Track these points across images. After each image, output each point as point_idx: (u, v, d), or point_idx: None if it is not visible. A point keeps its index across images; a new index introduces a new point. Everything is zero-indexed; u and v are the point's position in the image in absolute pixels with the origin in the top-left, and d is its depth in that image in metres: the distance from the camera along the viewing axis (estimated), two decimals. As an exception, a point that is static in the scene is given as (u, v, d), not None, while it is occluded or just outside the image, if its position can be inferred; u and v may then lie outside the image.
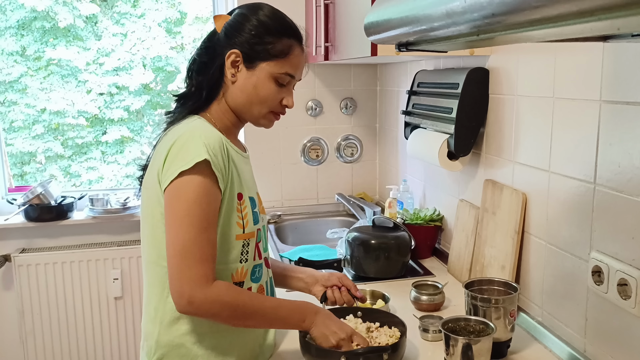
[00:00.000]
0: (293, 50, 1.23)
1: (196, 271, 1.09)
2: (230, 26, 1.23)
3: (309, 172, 2.79)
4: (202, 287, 1.09)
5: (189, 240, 1.09)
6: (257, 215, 1.26)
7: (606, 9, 0.48)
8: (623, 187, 1.14)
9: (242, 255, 1.22)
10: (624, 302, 1.14)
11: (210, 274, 1.11)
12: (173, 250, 1.11)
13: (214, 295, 1.10)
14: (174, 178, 1.11)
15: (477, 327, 1.27)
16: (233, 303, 1.13)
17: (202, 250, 1.10)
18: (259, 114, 1.26)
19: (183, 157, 1.11)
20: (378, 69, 2.78)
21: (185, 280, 1.09)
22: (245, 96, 1.23)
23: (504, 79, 1.62)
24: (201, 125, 1.18)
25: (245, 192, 1.23)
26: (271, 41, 1.21)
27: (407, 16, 0.83)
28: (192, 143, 1.12)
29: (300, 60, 1.26)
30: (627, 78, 1.13)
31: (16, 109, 3.10)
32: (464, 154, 1.76)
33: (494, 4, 0.60)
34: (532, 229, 1.50)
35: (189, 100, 1.26)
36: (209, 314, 1.13)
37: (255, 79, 1.22)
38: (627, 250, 1.14)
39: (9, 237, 2.69)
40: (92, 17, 3.16)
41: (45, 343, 2.70)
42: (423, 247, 2.07)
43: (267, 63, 1.21)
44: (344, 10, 2.01)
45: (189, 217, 1.10)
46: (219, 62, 1.22)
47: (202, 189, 1.11)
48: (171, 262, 1.11)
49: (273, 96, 1.24)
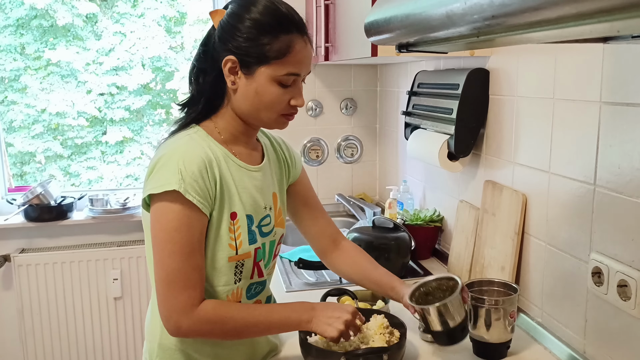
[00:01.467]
0: (294, 46, 1.11)
1: (181, 299, 1.08)
2: (222, 29, 1.13)
3: (309, 172, 2.74)
4: (188, 314, 1.08)
5: (173, 268, 1.07)
6: (254, 234, 1.19)
7: (605, 12, 0.48)
8: (623, 188, 1.14)
9: (235, 276, 1.18)
10: (623, 303, 1.14)
11: (197, 298, 1.09)
12: (158, 277, 1.09)
13: (201, 318, 1.09)
14: (149, 201, 1.09)
15: (448, 284, 1.31)
16: (221, 320, 1.11)
17: (187, 277, 1.08)
18: (269, 119, 1.17)
19: (156, 180, 1.07)
20: (378, 69, 2.78)
21: (171, 308, 1.08)
22: (249, 103, 1.14)
23: (504, 80, 1.62)
24: (185, 146, 1.11)
25: (242, 211, 1.17)
26: (267, 42, 1.09)
27: (407, 17, 0.83)
28: (166, 168, 1.07)
29: (303, 55, 1.13)
30: (627, 79, 1.13)
31: (16, 108, 3.10)
32: (464, 154, 1.76)
33: (494, 6, 0.60)
34: (532, 230, 1.50)
35: (191, 108, 1.19)
36: (199, 334, 1.13)
37: (256, 85, 1.12)
38: (627, 251, 1.14)
39: (9, 237, 2.69)
40: (92, 17, 3.16)
41: (44, 343, 2.70)
42: (423, 247, 2.07)
43: (266, 66, 1.10)
44: (344, 10, 2.01)
45: (171, 245, 1.07)
46: (217, 69, 1.13)
47: (181, 215, 1.06)
48: (158, 288, 1.09)
49: (279, 100, 1.13)
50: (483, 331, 1.30)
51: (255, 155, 1.26)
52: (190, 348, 1.19)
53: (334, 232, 1.46)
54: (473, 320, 1.31)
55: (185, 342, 1.19)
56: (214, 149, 1.15)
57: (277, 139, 1.41)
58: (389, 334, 1.28)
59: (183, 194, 1.05)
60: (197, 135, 1.15)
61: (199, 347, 1.20)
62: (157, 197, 1.07)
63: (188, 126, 1.18)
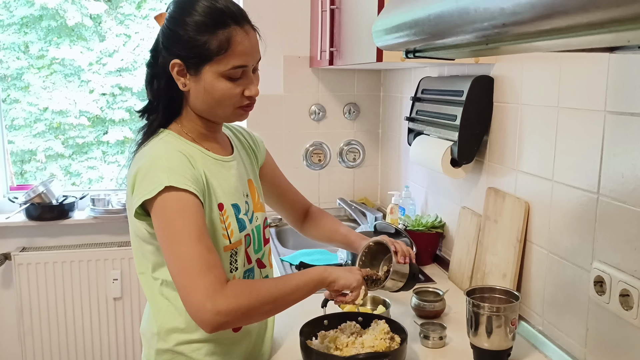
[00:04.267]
0: (233, 39, 1.10)
1: (208, 280, 1.01)
2: (163, 34, 1.14)
3: (310, 176, 2.79)
4: (221, 293, 1.01)
5: (187, 255, 1.03)
6: (242, 222, 1.21)
7: (617, 22, 0.48)
8: (626, 197, 1.15)
9: (231, 265, 1.19)
10: (625, 312, 1.14)
11: (222, 275, 1.04)
12: (176, 272, 1.04)
13: (236, 292, 1.03)
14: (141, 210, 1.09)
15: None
16: (256, 289, 1.08)
17: (204, 259, 1.03)
18: (224, 114, 1.18)
19: (145, 187, 1.07)
20: (382, 74, 2.79)
21: (201, 294, 1.00)
22: (202, 102, 1.16)
23: (508, 87, 1.62)
24: (162, 148, 1.13)
25: (227, 201, 1.19)
26: (206, 40, 1.09)
27: (416, 23, 0.83)
28: (153, 172, 1.08)
29: (246, 45, 1.12)
30: (632, 89, 1.14)
31: (18, 106, 3.10)
32: (467, 161, 1.77)
33: (505, 14, 0.60)
34: (534, 238, 1.50)
35: (152, 115, 1.21)
36: (240, 313, 1.03)
37: (204, 84, 1.13)
38: (630, 260, 1.14)
39: (10, 235, 2.69)
40: (97, 18, 3.16)
41: (43, 342, 2.70)
42: (424, 253, 2.07)
43: (210, 64, 1.11)
44: (350, 15, 2.02)
45: (179, 234, 1.05)
46: (167, 73, 1.14)
47: (179, 205, 1.06)
48: (179, 284, 1.03)
49: (230, 94, 1.14)
50: (484, 338, 1.30)
51: (226, 147, 1.29)
52: (187, 349, 1.19)
53: (303, 204, 1.57)
54: (474, 327, 1.31)
55: (182, 345, 1.19)
56: (188, 148, 1.17)
57: (237, 128, 1.44)
58: (390, 339, 1.28)
59: (176, 185, 1.06)
60: (170, 138, 1.17)
61: (197, 349, 1.20)
62: (152, 201, 1.07)
63: (155, 133, 1.19)
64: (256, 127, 2.61)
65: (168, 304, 1.18)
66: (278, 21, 2.62)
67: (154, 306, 1.22)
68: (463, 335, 1.39)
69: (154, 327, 1.21)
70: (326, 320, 1.35)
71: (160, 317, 1.20)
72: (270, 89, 2.64)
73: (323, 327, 1.34)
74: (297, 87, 2.69)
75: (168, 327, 1.19)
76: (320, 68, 2.65)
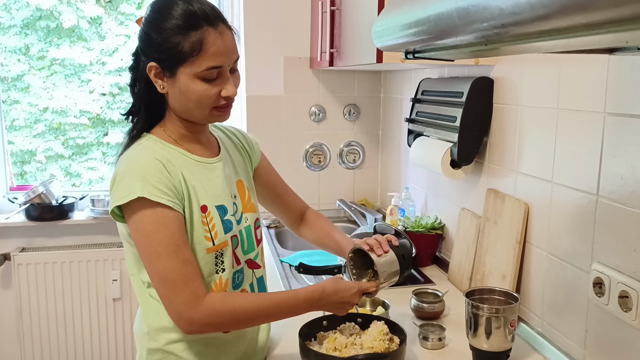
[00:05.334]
0: (206, 39, 1.10)
1: (183, 295, 1.08)
2: (140, 37, 1.16)
3: (310, 177, 2.79)
4: (195, 307, 1.09)
5: (164, 268, 1.09)
6: (228, 223, 1.22)
7: (615, 22, 0.48)
8: (626, 199, 1.15)
9: (216, 266, 1.20)
10: (624, 314, 1.14)
11: (199, 290, 1.10)
12: (155, 283, 1.11)
13: (210, 310, 1.10)
14: (120, 213, 1.12)
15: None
16: (231, 310, 1.13)
17: (181, 273, 1.09)
18: (202, 115, 1.18)
19: (119, 192, 1.09)
20: (382, 76, 2.79)
21: (178, 306, 1.09)
22: (179, 104, 1.17)
23: (508, 88, 1.62)
24: (140, 154, 1.14)
25: (211, 203, 1.19)
26: (178, 42, 1.09)
27: (416, 24, 0.83)
28: (127, 179, 1.10)
29: (220, 46, 1.12)
30: (631, 91, 1.14)
31: (18, 107, 3.10)
32: (466, 162, 1.77)
33: (504, 14, 0.60)
34: (533, 239, 1.50)
35: (135, 117, 1.23)
36: (213, 327, 1.14)
37: (180, 85, 1.13)
38: (629, 262, 1.14)
39: (9, 235, 2.69)
40: (97, 19, 3.17)
41: (42, 342, 2.70)
42: (424, 255, 2.07)
43: (184, 66, 1.11)
44: (350, 17, 2.02)
45: (155, 247, 1.09)
46: (146, 76, 1.16)
47: (153, 218, 1.09)
48: (159, 293, 1.11)
49: (205, 95, 1.14)
50: (483, 339, 1.30)
51: (212, 148, 1.29)
52: (177, 349, 1.20)
53: (299, 206, 1.56)
54: (473, 329, 1.31)
55: (172, 344, 1.20)
56: (169, 151, 1.18)
57: (230, 129, 1.44)
58: (389, 340, 1.28)
59: (149, 197, 1.08)
60: (150, 142, 1.18)
61: (187, 348, 1.21)
62: (127, 208, 1.10)
63: (139, 137, 1.20)
64: (256, 128, 2.61)
65: (157, 305, 1.19)
66: (278, 22, 2.62)
67: (144, 306, 1.23)
68: (462, 337, 1.39)
69: (145, 327, 1.23)
70: (325, 321, 1.35)
71: (150, 317, 1.21)
72: (271, 90, 2.64)
73: (322, 328, 1.35)
74: (297, 88, 2.69)
75: (157, 327, 1.20)
76: (320, 69, 2.65)
